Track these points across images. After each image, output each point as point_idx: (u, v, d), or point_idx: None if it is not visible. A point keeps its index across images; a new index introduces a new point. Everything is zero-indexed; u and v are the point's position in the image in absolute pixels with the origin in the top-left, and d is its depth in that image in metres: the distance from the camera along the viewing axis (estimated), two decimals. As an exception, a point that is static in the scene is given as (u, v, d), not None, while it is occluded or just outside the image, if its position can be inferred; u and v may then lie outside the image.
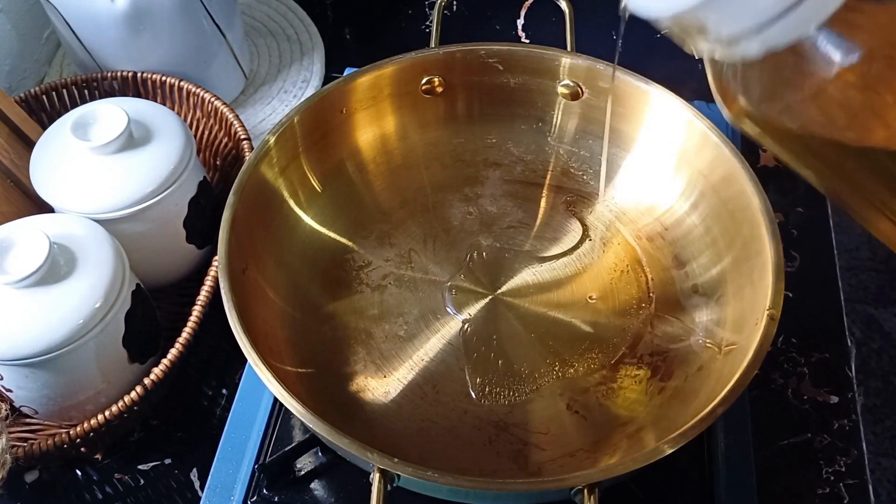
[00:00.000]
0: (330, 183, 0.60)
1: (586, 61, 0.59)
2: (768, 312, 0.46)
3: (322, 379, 0.54)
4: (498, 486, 0.42)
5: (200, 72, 0.71)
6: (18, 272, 0.48)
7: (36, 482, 0.57)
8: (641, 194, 0.61)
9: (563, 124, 0.63)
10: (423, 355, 0.55)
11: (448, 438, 0.52)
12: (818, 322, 0.63)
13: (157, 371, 0.53)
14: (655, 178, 0.60)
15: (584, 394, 0.54)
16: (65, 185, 0.56)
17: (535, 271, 0.60)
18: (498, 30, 0.84)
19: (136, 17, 0.64)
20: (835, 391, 0.60)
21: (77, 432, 0.51)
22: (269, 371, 0.44)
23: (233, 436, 0.54)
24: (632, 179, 0.61)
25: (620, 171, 0.62)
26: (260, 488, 0.52)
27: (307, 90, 0.78)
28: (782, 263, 0.48)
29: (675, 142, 0.58)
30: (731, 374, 0.45)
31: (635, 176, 0.61)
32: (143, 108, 0.59)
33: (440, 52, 0.60)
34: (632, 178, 0.61)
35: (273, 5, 0.84)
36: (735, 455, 0.53)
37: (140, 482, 0.57)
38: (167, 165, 0.57)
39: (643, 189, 0.61)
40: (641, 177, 0.61)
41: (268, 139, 0.55)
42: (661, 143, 0.59)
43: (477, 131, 0.64)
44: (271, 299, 0.54)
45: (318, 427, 0.42)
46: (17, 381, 0.51)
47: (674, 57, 0.85)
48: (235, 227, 0.51)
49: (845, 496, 0.55)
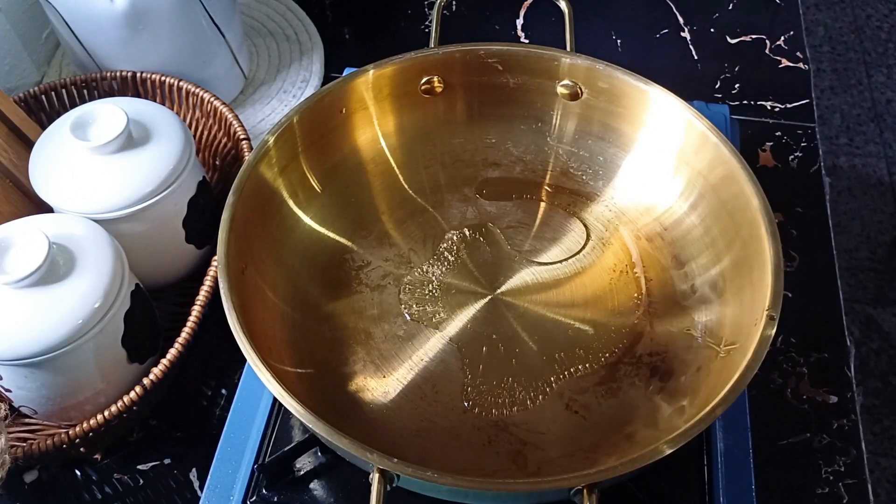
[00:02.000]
0: (329, 183, 0.60)
1: (586, 61, 0.59)
2: (767, 312, 0.46)
3: (321, 379, 0.54)
4: (497, 487, 0.42)
5: (200, 72, 0.71)
6: (18, 272, 0.48)
7: (35, 482, 0.57)
8: (641, 194, 0.61)
9: (563, 124, 0.63)
10: (422, 355, 0.55)
11: (447, 438, 0.52)
12: (817, 322, 0.63)
13: (157, 371, 0.53)
14: (655, 179, 0.60)
15: (583, 394, 0.54)
16: (64, 185, 0.56)
17: (534, 271, 0.60)
18: (497, 30, 0.84)
19: (135, 17, 0.64)
20: (834, 391, 0.60)
21: (76, 432, 0.51)
22: (268, 371, 0.44)
23: (232, 436, 0.54)
24: (631, 179, 0.61)
25: (620, 171, 0.62)
26: (259, 488, 0.52)
27: (306, 90, 0.78)
28: (781, 264, 0.48)
29: (674, 142, 0.58)
30: (730, 374, 0.45)
31: (635, 176, 0.61)
32: (143, 108, 0.59)
33: (439, 52, 0.60)
34: (631, 178, 0.61)
35: (272, 5, 0.84)
36: (734, 455, 0.53)
37: (139, 482, 0.57)
38: (166, 165, 0.57)
39: (642, 189, 0.61)
40: (641, 177, 0.61)
41: (267, 139, 0.55)
42: (661, 143, 0.59)
43: (476, 131, 0.64)
44: (271, 299, 0.54)
45: (318, 427, 0.42)
46: (17, 381, 0.51)
47: (673, 57, 0.85)
48: (235, 227, 0.51)
49: (844, 496, 0.55)
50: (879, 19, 1.84)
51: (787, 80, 0.79)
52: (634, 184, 0.61)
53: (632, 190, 0.61)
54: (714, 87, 0.79)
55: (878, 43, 1.80)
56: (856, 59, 1.77)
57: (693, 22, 0.84)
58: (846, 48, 1.79)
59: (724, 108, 0.70)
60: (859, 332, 1.39)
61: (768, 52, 0.82)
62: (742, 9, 0.85)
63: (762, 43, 0.82)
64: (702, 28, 0.84)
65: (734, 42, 0.83)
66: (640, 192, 0.61)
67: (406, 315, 0.57)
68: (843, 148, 1.64)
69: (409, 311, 0.58)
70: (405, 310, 0.58)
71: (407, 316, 0.57)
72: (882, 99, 1.70)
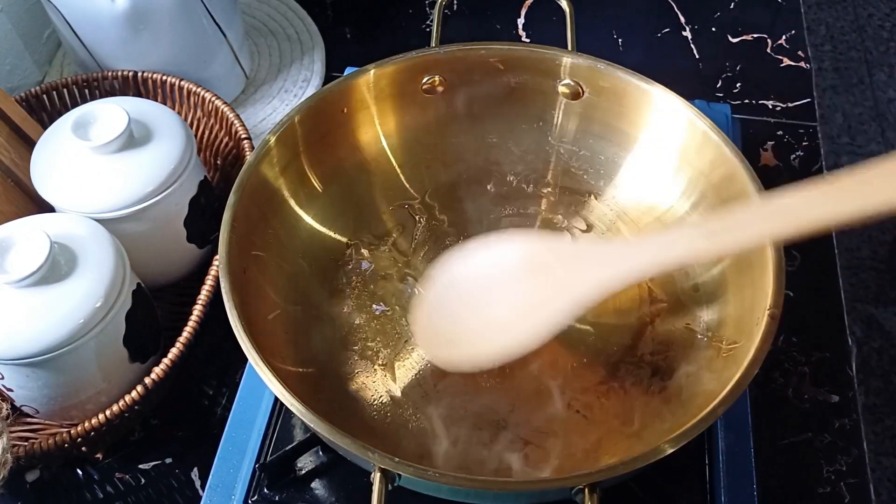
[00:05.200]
0: (331, 182, 0.60)
1: (587, 61, 0.59)
2: (769, 312, 0.46)
3: (323, 378, 0.54)
4: (499, 486, 0.42)
5: (201, 71, 0.71)
6: (19, 272, 0.48)
7: (37, 481, 0.57)
8: (642, 194, 0.61)
9: (564, 124, 0.63)
10: (423, 354, 0.55)
11: (448, 438, 0.52)
12: (819, 321, 0.63)
13: (158, 370, 0.53)
14: (656, 178, 0.60)
15: (584, 393, 0.53)
16: (65, 185, 0.56)
17: (535, 271, 0.59)
18: (498, 29, 0.84)
19: (136, 16, 0.64)
20: (835, 390, 0.60)
21: (78, 431, 0.51)
22: (269, 370, 0.44)
23: (233, 435, 0.54)
24: (633, 179, 0.61)
25: (621, 170, 0.62)
26: (261, 488, 0.52)
27: (308, 90, 0.78)
28: (783, 263, 0.48)
29: (675, 141, 0.58)
30: (731, 373, 0.45)
31: (636, 175, 0.61)
32: (144, 108, 0.59)
33: (441, 51, 0.60)
34: (633, 177, 0.61)
35: (273, 4, 0.84)
36: (735, 454, 0.53)
37: (141, 481, 0.57)
38: (168, 165, 0.57)
39: (644, 188, 0.61)
40: (642, 176, 0.61)
41: (268, 139, 0.55)
42: (662, 142, 0.59)
43: (478, 131, 0.64)
44: (272, 299, 0.54)
45: (319, 426, 0.42)
46: (18, 381, 0.51)
47: (675, 56, 0.85)
48: (236, 227, 0.51)
49: (846, 495, 0.55)
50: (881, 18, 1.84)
51: (789, 79, 0.79)
52: (636, 183, 0.61)
53: (633, 189, 0.61)
54: (715, 87, 0.79)
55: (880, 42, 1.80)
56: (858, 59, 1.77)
57: (694, 21, 0.84)
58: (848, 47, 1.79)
59: (725, 108, 0.70)
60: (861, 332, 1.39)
61: (770, 51, 0.82)
62: (743, 8, 0.85)
63: (764, 42, 0.82)
64: (703, 27, 0.84)
65: (736, 41, 0.83)
66: (641, 192, 0.61)
67: (408, 314, 0.57)
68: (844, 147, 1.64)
69: (411, 311, 0.58)
70: (407, 309, 0.58)
71: (409, 315, 0.57)
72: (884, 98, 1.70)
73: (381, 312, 0.58)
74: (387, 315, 0.58)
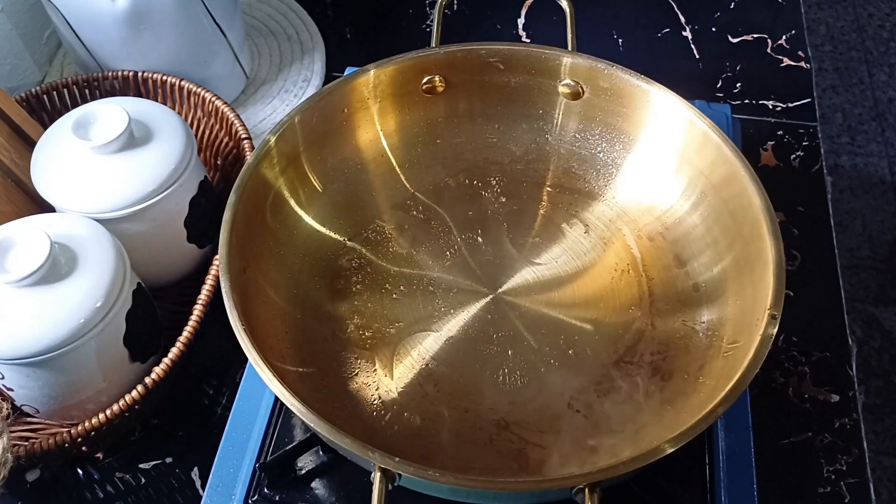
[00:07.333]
0: (331, 182, 0.60)
1: (587, 61, 0.59)
2: (769, 312, 0.46)
3: (323, 378, 0.54)
4: (499, 486, 0.42)
5: (201, 71, 0.71)
6: (19, 271, 0.48)
7: (37, 481, 0.57)
8: (642, 194, 0.61)
9: (564, 124, 0.63)
10: (423, 354, 0.55)
11: (449, 437, 0.52)
12: (819, 321, 0.63)
13: (158, 370, 0.53)
14: (656, 178, 0.60)
15: (584, 393, 0.54)
16: (66, 185, 0.56)
17: (535, 271, 0.60)
18: (499, 29, 0.84)
19: (136, 16, 0.64)
20: (836, 390, 0.60)
21: (78, 431, 0.51)
22: (269, 370, 0.44)
23: (234, 435, 0.54)
24: (633, 179, 0.61)
25: (621, 170, 0.62)
26: (261, 487, 0.52)
27: (308, 90, 0.78)
28: (783, 263, 0.48)
29: (675, 141, 0.58)
30: (732, 373, 0.45)
31: (636, 175, 0.61)
32: (144, 108, 0.59)
33: (441, 51, 0.60)
34: (633, 177, 0.61)
35: (274, 5, 0.84)
36: (736, 454, 0.53)
37: (141, 481, 0.57)
38: (168, 165, 0.57)
39: (644, 189, 0.61)
40: (642, 176, 0.61)
41: (268, 139, 0.55)
42: (662, 142, 0.59)
43: (478, 131, 0.64)
44: (272, 299, 0.54)
45: (319, 426, 0.42)
46: (19, 381, 0.51)
47: (675, 56, 0.85)
48: (236, 227, 0.51)
49: (846, 495, 0.55)
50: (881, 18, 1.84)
51: (789, 79, 0.79)
52: (636, 183, 0.61)
53: (633, 189, 0.61)
54: (716, 87, 0.79)
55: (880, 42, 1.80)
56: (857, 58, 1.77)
57: (694, 21, 0.84)
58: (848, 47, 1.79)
59: (725, 108, 0.70)
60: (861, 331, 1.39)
61: (770, 51, 0.82)
62: (743, 8, 0.85)
63: (764, 42, 0.82)
64: (703, 27, 0.84)
65: (736, 41, 0.83)
66: (641, 192, 0.61)
67: (408, 314, 0.57)
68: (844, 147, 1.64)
69: (411, 310, 0.58)
70: (407, 309, 0.58)
71: (408, 315, 0.57)
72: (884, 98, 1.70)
73: (380, 312, 0.58)
74: (387, 314, 0.58)
